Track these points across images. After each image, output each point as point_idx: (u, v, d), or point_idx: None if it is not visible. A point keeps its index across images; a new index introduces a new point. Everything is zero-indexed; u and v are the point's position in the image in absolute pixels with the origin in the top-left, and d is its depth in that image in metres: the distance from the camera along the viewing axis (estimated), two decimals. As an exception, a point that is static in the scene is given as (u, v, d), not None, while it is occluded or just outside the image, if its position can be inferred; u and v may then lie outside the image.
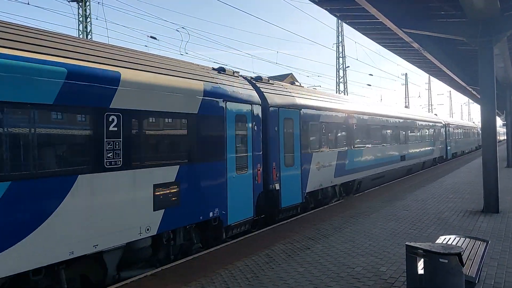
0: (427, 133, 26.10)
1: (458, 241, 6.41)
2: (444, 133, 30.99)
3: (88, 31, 24.79)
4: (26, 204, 5.19)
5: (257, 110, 9.87)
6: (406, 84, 66.09)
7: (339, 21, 40.59)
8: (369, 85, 50.33)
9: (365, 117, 16.41)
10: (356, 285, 5.99)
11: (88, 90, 5.93)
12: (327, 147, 13.11)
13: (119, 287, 6.27)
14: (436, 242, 6.25)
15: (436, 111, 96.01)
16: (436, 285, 4.80)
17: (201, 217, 7.97)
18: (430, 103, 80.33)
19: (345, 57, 44.34)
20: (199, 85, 8.07)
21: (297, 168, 11.32)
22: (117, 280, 6.61)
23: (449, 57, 18.43)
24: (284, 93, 11.40)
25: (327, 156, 13.09)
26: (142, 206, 6.69)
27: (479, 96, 12.03)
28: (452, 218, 10.39)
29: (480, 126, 50.56)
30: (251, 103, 9.60)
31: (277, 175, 10.45)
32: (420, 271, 5.09)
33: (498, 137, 10.94)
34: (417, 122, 24.00)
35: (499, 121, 46.29)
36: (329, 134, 13.39)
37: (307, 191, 11.78)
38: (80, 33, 24.37)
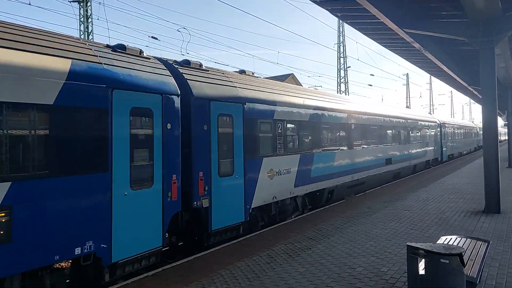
0: (419, 133, 23.97)
1: (459, 242, 6.40)
2: (439, 133, 29.13)
3: (89, 31, 24.82)
4: None
5: (173, 102, 7.46)
6: (408, 84, 66.14)
7: (340, 21, 40.60)
8: (370, 85, 50.39)
9: (339, 114, 14.11)
10: (357, 286, 5.99)
11: None
12: (284, 151, 10.79)
13: (120, 287, 6.28)
14: (437, 242, 6.25)
15: (438, 111, 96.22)
16: (437, 285, 4.79)
17: (57, 257, 5.53)
18: (431, 103, 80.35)
19: (346, 57, 44.34)
20: (60, 64, 5.71)
21: (238, 178, 9.05)
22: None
23: (450, 57, 18.44)
24: (220, 82, 9.10)
25: (285, 161, 10.82)
26: None
27: (480, 96, 12.01)
28: (453, 218, 10.38)
29: (479, 125, 49.60)
30: (162, 92, 7.20)
31: (206, 188, 8.21)
32: (421, 271, 5.08)
33: (499, 137, 10.85)
34: (407, 121, 21.82)
35: (500, 121, 46.32)
36: (288, 135, 11.08)
37: (253, 206, 9.55)
38: (82, 33, 24.43)
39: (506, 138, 35.93)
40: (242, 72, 11.00)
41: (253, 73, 11.35)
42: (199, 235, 8.47)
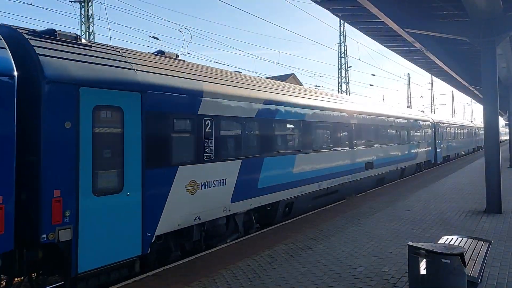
0: (409, 133, 21.61)
1: (460, 242, 6.40)
2: (433, 133, 26.79)
3: (91, 31, 24.86)
4: None
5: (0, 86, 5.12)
6: (409, 84, 66.19)
7: (341, 21, 40.59)
8: (371, 85, 50.42)
9: (300, 110, 11.50)
10: (358, 286, 5.98)
11: None
12: (215, 156, 8.35)
13: (120, 287, 6.29)
14: (439, 242, 6.25)
15: (438, 111, 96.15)
16: (438, 285, 4.79)
17: None
18: (432, 103, 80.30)
19: (347, 57, 44.35)
20: None
21: (131, 195, 6.55)
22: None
23: (451, 57, 18.45)
24: (106, 62, 6.60)
25: (216, 170, 8.36)
26: None
27: (481, 96, 12.01)
28: (454, 218, 10.37)
29: (478, 125, 47.94)
30: None
31: (68, 213, 5.74)
32: (422, 271, 5.08)
33: (500, 137, 10.68)
34: (393, 120, 19.26)
35: (501, 121, 46.18)
36: (222, 135, 8.64)
37: (160, 232, 7.10)
38: (83, 33, 24.45)
39: (507, 138, 35.60)
40: (160, 53, 8.60)
41: (177, 56, 8.89)
42: (64, 280, 6.19)
